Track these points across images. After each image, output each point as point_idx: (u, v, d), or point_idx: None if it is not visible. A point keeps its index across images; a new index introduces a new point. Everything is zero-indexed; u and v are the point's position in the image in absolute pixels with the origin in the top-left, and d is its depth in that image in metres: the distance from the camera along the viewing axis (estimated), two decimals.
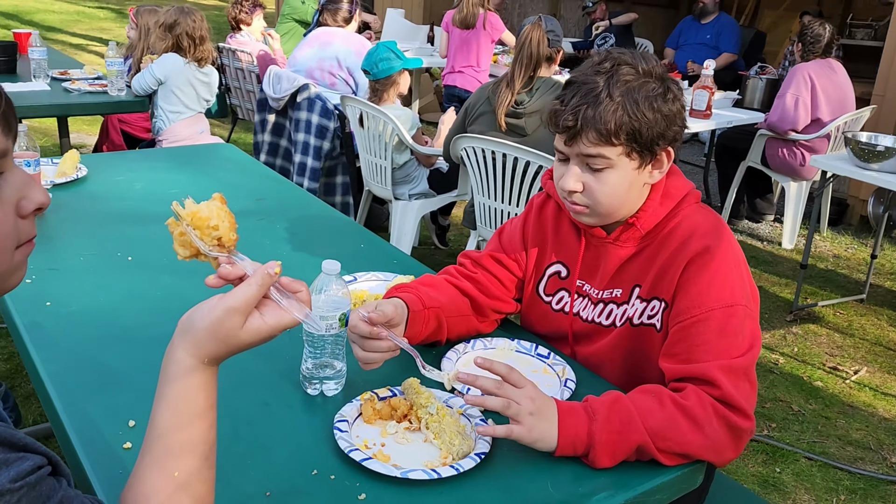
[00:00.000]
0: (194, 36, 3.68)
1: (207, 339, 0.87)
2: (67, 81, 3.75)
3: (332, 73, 4.25)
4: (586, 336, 1.56)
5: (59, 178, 2.32)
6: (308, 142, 4.16)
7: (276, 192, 2.48)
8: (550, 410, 1.23)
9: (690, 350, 1.33)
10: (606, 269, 1.51)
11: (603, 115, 1.32)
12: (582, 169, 1.40)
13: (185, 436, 0.87)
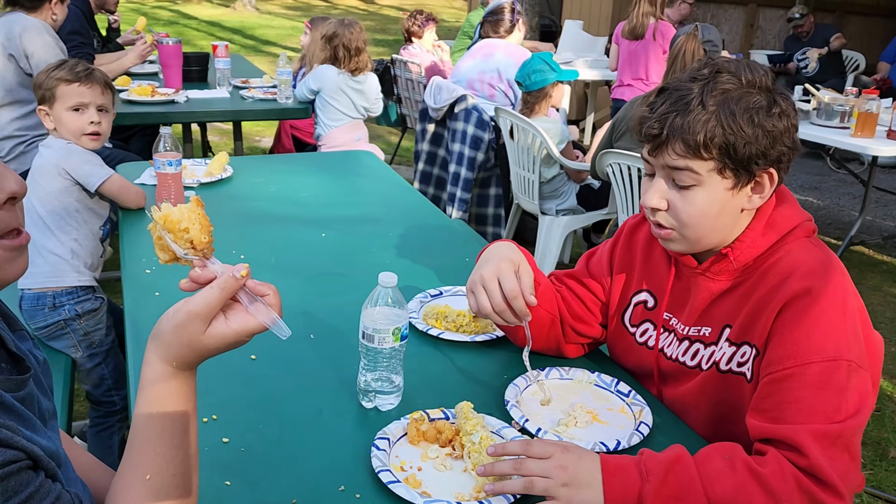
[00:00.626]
0: (350, 47, 3.85)
1: (173, 343, 0.86)
2: (245, 89, 4.06)
3: (492, 84, 4.25)
4: (672, 376, 1.41)
5: (205, 177, 2.51)
6: (463, 152, 4.19)
7: (400, 200, 2.51)
8: (591, 475, 1.10)
9: (780, 407, 1.15)
10: (695, 304, 1.36)
11: (692, 124, 1.19)
12: (668, 185, 1.26)
13: (155, 439, 0.87)
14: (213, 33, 14.16)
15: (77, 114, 2.23)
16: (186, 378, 0.89)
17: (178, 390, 0.88)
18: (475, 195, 4.36)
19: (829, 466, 1.07)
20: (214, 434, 1.26)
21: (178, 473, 0.88)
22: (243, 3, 18.30)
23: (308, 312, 1.67)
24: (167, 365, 0.87)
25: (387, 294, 1.32)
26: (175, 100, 3.72)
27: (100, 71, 2.30)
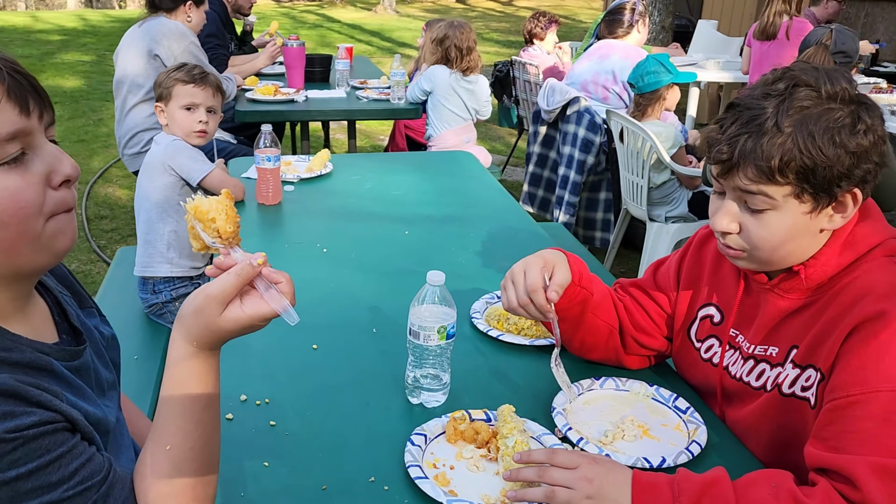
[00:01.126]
0: (461, 47, 3.89)
1: (193, 325, 0.92)
2: (361, 90, 4.20)
3: (606, 86, 4.16)
4: (736, 396, 1.33)
5: (305, 172, 2.62)
6: (573, 155, 4.13)
7: (488, 202, 2.51)
8: (619, 490, 1.06)
9: (840, 436, 1.07)
10: (763, 321, 1.28)
11: (766, 148, 1.10)
12: (739, 206, 1.18)
13: (177, 413, 0.93)
14: (353, 36, 14.70)
15: (188, 113, 2.41)
16: (207, 358, 0.94)
17: (199, 369, 0.93)
18: (584, 199, 4.28)
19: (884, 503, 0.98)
20: (263, 417, 1.32)
21: (196, 447, 0.93)
22: (384, 6, 18.88)
23: (376, 307, 1.71)
24: (189, 345, 0.92)
25: (434, 292, 1.34)
26: (295, 99, 3.91)
27: (213, 75, 2.48)
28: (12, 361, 0.87)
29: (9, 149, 0.84)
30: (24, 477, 0.80)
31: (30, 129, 0.86)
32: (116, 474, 0.90)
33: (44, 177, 0.87)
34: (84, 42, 11.75)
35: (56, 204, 0.89)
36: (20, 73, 0.87)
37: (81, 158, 5.95)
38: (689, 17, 9.31)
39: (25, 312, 0.96)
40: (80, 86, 8.62)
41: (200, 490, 0.94)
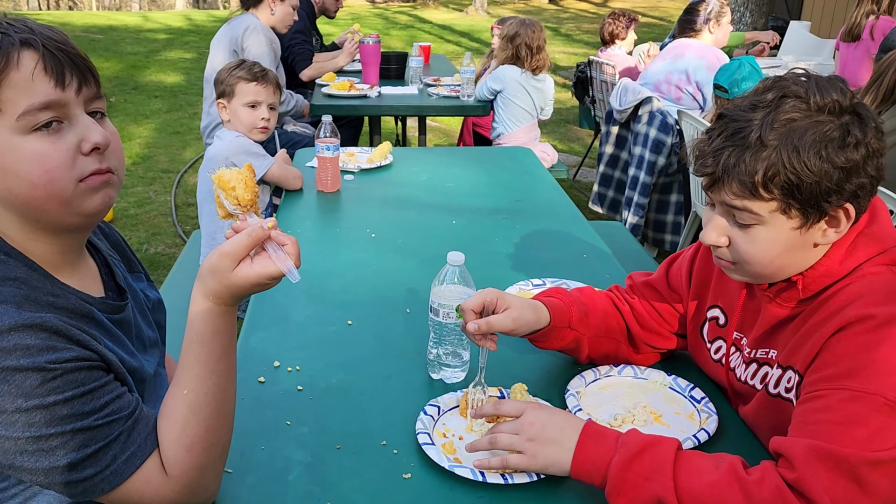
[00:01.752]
0: (532, 46, 3.93)
1: (209, 280, 1.01)
2: (433, 87, 4.30)
3: (679, 86, 4.10)
4: (741, 397, 1.34)
5: (366, 163, 2.73)
6: (643, 156, 4.10)
7: (539, 196, 2.55)
8: (563, 433, 1.11)
9: (798, 426, 1.08)
10: (761, 327, 1.27)
11: (750, 163, 1.06)
12: (728, 220, 1.16)
13: (194, 361, 1.02)
14: (442, 36, 14.87)
15: (251, 110, 2.54)
16: (223, 312, 1.03)
17: (215, 322, 1.02)
18: (655, 201, 4.24)
19: (817, 486, 0.98)
20: (292, 382, 1.42)
21: (211, 393, 1.03)
22: (476, 7, 19.01)
23: (413, 290, 1.79)
24: (206, 299, 1.02)
25: (454, 272, 1.40)
26: (368, 95, 4.04)
27: (272, 72, 2.61)
28: (59, 306, 0.99)
29: (41, 117, 0.95)
30: (61, 403, 0.91)
31: (65, 101, 0.96)
32: (142, 413, 1.01)
33: (75, 144, 0.98)
34: (187, 41, 12.37)
35: (85, 168, 0.98)
36: (62, 49, 0.97)
37: (175, 149, 6.31)
38: (787, 17, 8.99)
39: (75, 266, 1.09)
40: (180, 81, 9.10)
41: (213, 435, 1.03)
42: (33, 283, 0.99)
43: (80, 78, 0.98)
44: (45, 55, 0.95)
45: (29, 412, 0.90)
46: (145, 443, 0.98)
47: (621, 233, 3.09)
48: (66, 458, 0.92)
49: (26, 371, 0.90)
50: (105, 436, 0.94)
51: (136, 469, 0.97)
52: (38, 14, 17.12)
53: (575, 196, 5.32)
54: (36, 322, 0.92)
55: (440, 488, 1.15)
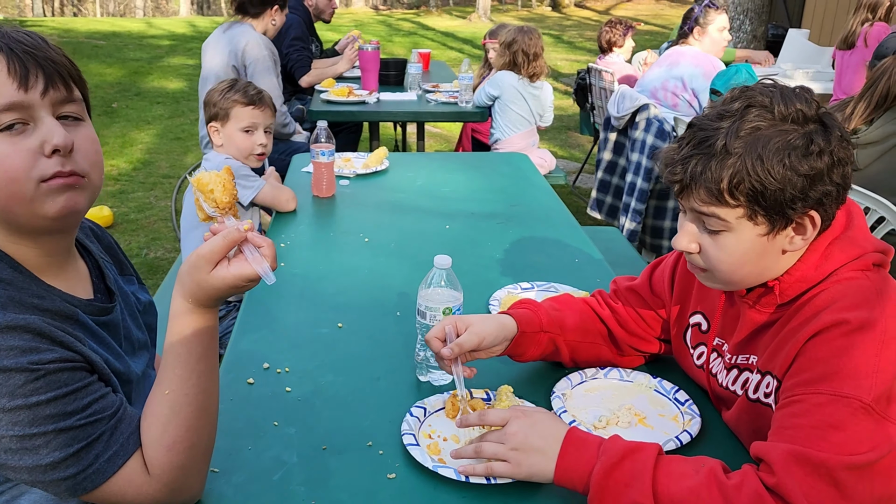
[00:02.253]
0: (528, 52, 3.96)
1: (187, 282, 1.02)
2: (432, 93, 4.32)
3: (675, 93, 4.12)
4: (724, 401, 1.36)
5: (362, 168, 2.75)
6: (640, 162, 4.11)
7: (534, 201, 2.56)
8: (546, 441, 1.12)
9: (777, 431, 1.09)
10: (741, 332, 1.29)
11: (715, 170, 1.09)
12: (698, 227, 1.18)
13: (174, 362, 1.03)
14: (445, 43, 14.94)
15: (247, 135, 2.42)
16: (203, 314, 1.04)
17: (194, 323, 1.04)
18: (652, 207, 4.25)
19: (796, 490, 0.99)
20: (281, 383, 1.43)
21: (192, 393, 1.04)
22: (479, 14, 19.09)
23: (404, 293, 1.81)
24: (185, 301, 1.03)
25: (441, 275, 1.42)
26: (367, 101, 4.06)
27: (267, 94, 2.51)
28: (44, 308, 1.01)
29: (3, 118, 0.96)
30: (44, 403, 0.93)
31: (28, 102, 0.97)
32: (125, 413, 1.02)
33: (37, 146, 0.98)
34: (190, 47, 12.44)
35: (46, 170, 0.98)
36: (30, 52, 0.97)
37: (176, 155, 6.34)
38: (788, 25, 9.02)
39: (62, 268, 1.10)
40: (182, 87, 9.16)
41: (194, 435, 1.04)
42: (18, 285, 1.00)
43: (46, 80, 0.99)
44: (9, 57, 0.96)
45: (12, 412, 0.91)
46: (128, 442, 1.00)
47: (617, 238, 3.10)
48: (49, 456, 0.93)
49: (10, 372, 0.91)
50: (88, 435, 0.96)
51: (119, 468, 0.98)
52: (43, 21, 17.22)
53: (574, 202, 5.33)
54: (20, 324, 0.93)
55: (424, 488, 1.16)
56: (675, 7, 19.95)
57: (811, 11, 9.52)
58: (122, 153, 6.30)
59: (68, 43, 12.06)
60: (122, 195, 5.31)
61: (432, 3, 23.53)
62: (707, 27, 4.08)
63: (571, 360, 1.48)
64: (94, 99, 8.22)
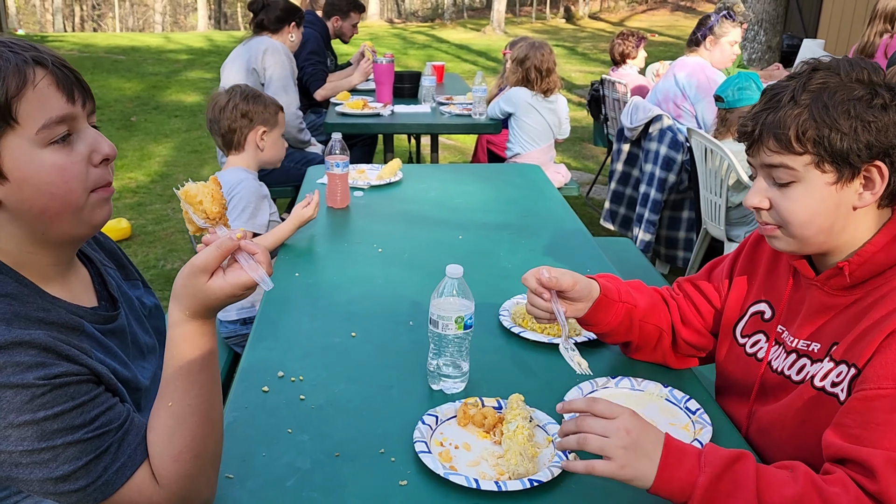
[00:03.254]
0: (541, 68, 4.00)
1: (183, 294, 1.03)
2: (446, 105, 4.35)
3: (677, 103, 4.13)
4: (772, 390, 1.36)
5: (376, 180, 2.78)
6: (654, 173, 4.12)
7: (546, 212, 2.58)
8: (654, 446, 1.08)
9: (864, 426, 1.09)
10: (808, 317, 1.30)
11: (783, 119, 1.17)
12: (768, 183, 1.24)
13: (175, 374, 1.04)
14: (460, 56, 15.00)
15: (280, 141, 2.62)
16: (200, 325, 1.04)
17: (192, 334, 1.04)
18: (666, 218, 4.25)
19: None
20: (295, 391, 1.45)
21: (195, 404, 1.04)
22: (493, 27, 19.18)
23: (417, 303, 1.82)
24: (181, 313, 1.03)
25: (453, 284, 1.43)
26: (381, 113, 4.10)
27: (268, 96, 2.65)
28: (49, 321, 1.02)
29: (58, 130, 1.00)
30: (52, 418, 0.94)
31: (75, 114, 1.02)
32: (133, 423, 1.03)
33: (86, 156, 1.03)
34: (208, 61, 12.58)
35: (96, 179, 1.05)
36: (67, 68, 1.03)
37: (194, 167, 6.41)
38: (803, 35, 8.99)
39: (66, 277, 1.12)
40: (199, 101, 9.26)
41: (200, 444, 1.05)
42: (24, 299, 1.02)
43: (83, 93, 1.04)
44: (55, 72, 1.01)
45: (20, 427, 0.92)
46: (135, 453, 1.01)
47: (630, 249, 3.11)
48: (58, 470, 0.94)
49: (16, 388, 0.92)
50: (96, 448, 0.97)
51: (128, 479, 0.99)
52: (63, 36, 17.49)
53: (588, 213, 5.34)
54: (25, 339, 0.94)
55: (435, 495, 1.18)
56: (690, 18, 19.93)
57: (827, 21, 9.49)
58: (140, 166, 6.38)
59: (88, 58, 12.25)
60: (139, 207, 5.37)
61: (447, 15, 23.67)
62: (720, 38, 4.08)
63: (636, 345, 1.54)
64: (114, 113, 8.38)
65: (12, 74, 0.97)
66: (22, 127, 0.98)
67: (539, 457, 1.26)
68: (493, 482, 1.18)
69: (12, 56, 0.98)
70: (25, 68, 0.98)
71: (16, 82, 0.97)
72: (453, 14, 24.22)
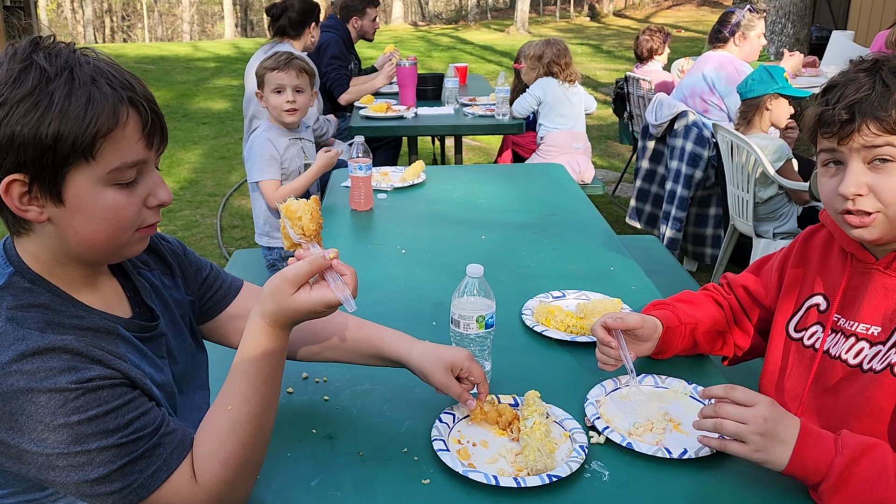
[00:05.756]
0: (560, 62, 4.14)
1: (268, 302, 1.06)
2: (469, 106, 4.36)
3: (704, 98, 4.09)
4: (828, 378, 1.37)
5: (399, 182, 2.79)
6: (680, 169, 4.09)
7: (569, 211, 2.57)
8: (789, 432, 1.14)
9: None
10: (868, 301, 1.32)
11: (881, 102, 1.19)
12: (862, 169, 1.24)
13: (241, 380, 1.06)
14: (484, 56, 15.00)
15: (278, 94, 2.87)
16: (277, 335, 1.07)
17: (267, 343, 1.06)
18: (693, 214, 4.21)
19: None
20: (319, 392, 1.47)
21: (254, 413, 1.06)
22: (517, 27, 19.16)
23: (440, 303, 1.83)
24: (262, 320, 1.06)
25: (474, 284, 1.44)
26: (405, 116, 4.12)
27: (299, 59, 2.93)
28: (84, 326, 1.04)
29: (128, 174, 1.01)
30: (86, 422, 0.96)
31: (147, 159, 1.03)
32: (169, 427, 1.04)
33: (143, 197, 1.05)
34: (235, 68, 12.74)
35: (146, 220, 1.06)
36: (155, 110, 1.03)
37: (222, 173, 6.50)
38: (833, 27, 8.83)
39: (96, 288, 1.13)
40: (227, 108, 9.39)
41: (249, 452, 1.06)
42: (57, 308, 1.03)
43: (161, 139, 1.05)
44: (144, 117, 1.01)
45: (56, 430, 0.94)
46: (171, 457, 1.02)
47: (656, 247, 3.09)
48: (94, 472, 0.96)
49: (50, 392, 0.94)
50: (130, 451, 0.98)
51: (163, 482, 1.00)
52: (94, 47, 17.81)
53: (614, 211, 5.31)
54: (57, 345, 0.96)
55: (457, 493, 1.18)
56: (716, 12, 19.67)
57: (857, 12, 9.32)
58: (169, 173, 6.48)
59: None
60: (169, 213, 5.46)
61: (471, 17, 23.68)
62: (749, 33, 4.04)
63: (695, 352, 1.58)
64: None
65: (107, 113, 0.97)
66: (97, 163, 0.98)
67: (556, 452, 1.26)
68: (512, 478, 1.19)
69: (110, 93, 0.98)
70: (120, 109, 0.98)
71: (108, 123, 0.97)
72: (477, 15, 24.22)
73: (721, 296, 1.62)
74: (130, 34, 34.85)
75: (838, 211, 1.28)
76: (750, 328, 1.58)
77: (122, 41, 31.34)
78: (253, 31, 31.57)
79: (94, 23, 28.94)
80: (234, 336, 1.38)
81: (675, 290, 2.00)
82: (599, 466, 1.24)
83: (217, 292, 1.38)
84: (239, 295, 1.40)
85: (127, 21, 35.85)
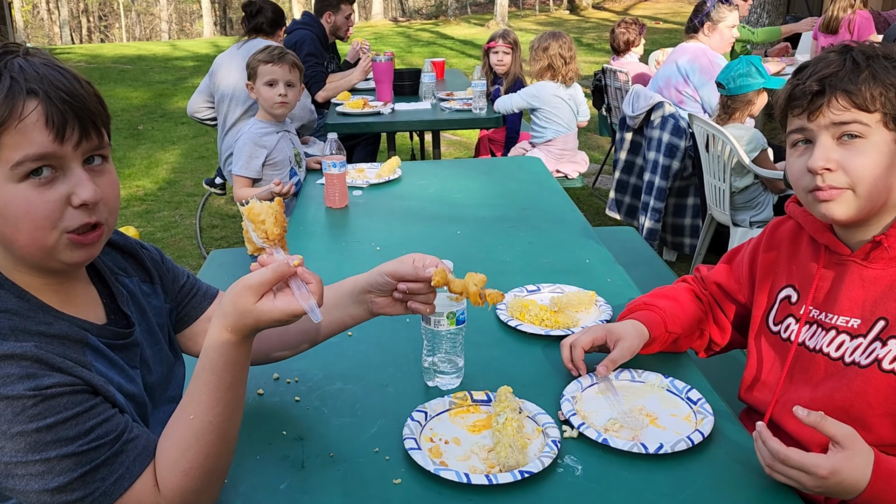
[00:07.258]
0: (564, 56, 4.16)
1: (230, 310, 1.02)
2: (446, 101, 4.34)
3: (678, 89, 4.10)
4: (803, 371, 1.36)
5: (375, 178, 2.77)
6: (657, 160, 4.09)
7: (545, 204, 2.56)
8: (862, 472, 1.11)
9: None
10: (846, 293, 1.31)
11: (851, 77, 1.21)
12: (831, 144, 1.23)
13: (203, 388, 1.02)
14: (464, 51, 14.99)
15: (270, 87, 2.88)
16: (238, 343, 1.03)
17: (229, 353, 1.03)
18: (672, 205, 4.22)
19: None
20: (290, 393, 1.45)
21: (216, 422, 1.03)
22: (497, 21, 19.13)
23: None
24: (223, 329, 1.02)
25: None
26: (381, 111, 4.10)
27: (291, 54, 2.93)
28: (49, 334, 1.01)
29: (32, 167, 0.96)
30: (44, 430, 0.93)
31: (61, 154, 0.97)
32: (132, 434, 1.01)
33: (65, 196, 0.98)
34: None
35: (73, 222, 0.99)
36: (68, 100, 0.96)
37: (201, 173, 6.44)
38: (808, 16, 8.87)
39: (70, 292, 1.09)
40: None
41: (212, 462, 1.03)
42: (23, 314, 1.00)
43: (81, 132, 0.98)
44: (48, 106, 0.95)
45: (13, 438, 0.92)
46: (134, 465, 0.99)
47: (633, 238, 3.08)
48: (54, 481, 0.93)
49: (7, 399, 0.92)
50: (91, 459, 0.95)
51: (126, 490, 0.98)
52: (71, 48, 17.62)
53: (594, 203, 5.31)
54: (16, 351, 0.94)
55: (428, 492, 1.17)
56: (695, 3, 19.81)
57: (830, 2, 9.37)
58: (147, 174, 6.42)
59: (96, 69, 12.33)
60: (148, 215, 5.41)
61: (450, 12, 23.63)
62: (718, 24, 4.05)
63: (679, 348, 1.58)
64: (121, 122, 8.43)
65: (1, 104, 0.93)
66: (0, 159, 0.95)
67: (529, 448, 1.25)
68: (483, 476, 1.17)
69: (9, 83, 0.94)
70: (16, 99, 0.94)
71: (1, 114, 0.93)
72: (457, 10, 24.16)
73: (700, 289, 1.61)
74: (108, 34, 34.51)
75: (808, 189, 1.26)
76: (727, 324, 1.57)
77: (99, 41, 31.02)
78: (232, 29, 31.35)
79: (70, 23, 28.62)
80: None
81: (652, 281, 2.00)
82: (573, 461, 1.23)
83: (192, 300, 1.35)
84: (213, 304, 1.36)
85: (104, 21, 35.49)
